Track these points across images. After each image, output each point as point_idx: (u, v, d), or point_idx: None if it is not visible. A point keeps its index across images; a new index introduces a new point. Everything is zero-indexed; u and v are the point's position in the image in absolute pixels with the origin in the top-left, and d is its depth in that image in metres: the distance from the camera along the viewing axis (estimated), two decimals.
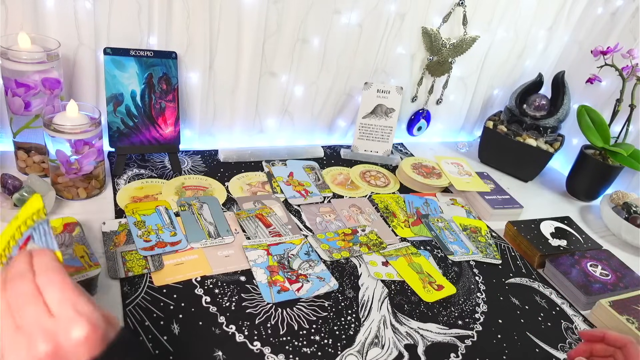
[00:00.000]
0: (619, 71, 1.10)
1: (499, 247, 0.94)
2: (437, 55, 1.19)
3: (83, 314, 0.39)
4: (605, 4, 1.24)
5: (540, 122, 1.19)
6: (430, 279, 0.81)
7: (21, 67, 0.76)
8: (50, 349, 0.37)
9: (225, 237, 0.80)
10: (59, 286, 0.39)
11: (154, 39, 0.90)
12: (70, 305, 0.39)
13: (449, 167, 1.14)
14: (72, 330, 0.38)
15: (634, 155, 1.09)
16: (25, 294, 0.39)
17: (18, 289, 0.39)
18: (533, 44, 1.29)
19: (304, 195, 0.97)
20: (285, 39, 1.01)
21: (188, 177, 0.95)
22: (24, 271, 0.40)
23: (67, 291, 0.39)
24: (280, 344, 0.63)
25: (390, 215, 0.97)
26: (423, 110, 1.29)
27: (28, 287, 0.39)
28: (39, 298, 0.39)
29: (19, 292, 0.39)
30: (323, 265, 0.79)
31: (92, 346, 0.39)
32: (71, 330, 0.38)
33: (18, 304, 0.38)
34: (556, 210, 1.14)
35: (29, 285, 0.39)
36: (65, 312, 0.39)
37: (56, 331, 0.38)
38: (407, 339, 0.69)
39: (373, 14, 1.06)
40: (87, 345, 0.38)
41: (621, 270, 0.91)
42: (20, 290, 0.39)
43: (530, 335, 0.75)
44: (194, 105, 1.01)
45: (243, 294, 0.70)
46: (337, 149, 1.20)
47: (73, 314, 0.38)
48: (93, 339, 0.39)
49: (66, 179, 0.80)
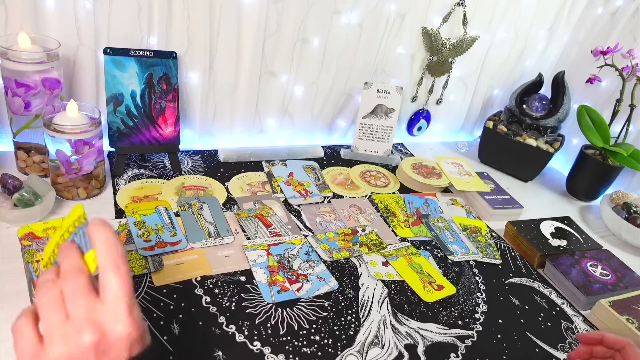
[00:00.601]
0: (619, 71, 1.10)
1: (499, 247, 0.94)
2: (437, 55, 1.19)
3: (131, 315, 0.41)
4: (605, 4, 1.24)
5: (540, 122, 1.19)
6: (430, 279, 0.81)
7: (21, 67, 0.76)
8: (97, 338, 0.39)
9: (225, 237, 0.80)
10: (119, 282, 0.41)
11: (154, 39, 0.90)
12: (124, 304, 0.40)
13: (449, 167, 1.14)
14: (117, 326, 0.40)
15: (634, 155, 1.09)
16: (80, 286, 0.40)
17: (74, 280, 0.40)
18: (533, 44, 1.29)
19: (304, 195, 0.97)
20: (285, 39, 1.01)
21: (188, 177, 0.95)
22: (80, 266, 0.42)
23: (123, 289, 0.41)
24: (280, 344, 0.63)
25: (390, 215, 0.97)
26: (423, 110, 1.29)
27: (84, 280, 0.41)
28: (92, 291, 0.41)
29: (75, 284, 0.40)
30: (323, 265, 0.79)
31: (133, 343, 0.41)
32: (116, 326, 0.40)
33: (71, 294, 0.40)
34: (556, 210, 1.14)
35: (85, 278, 0.41)
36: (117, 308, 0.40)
37: (103, 324, 0.40)
38: (407, 339, 0.69)
39: (373, 14, 1.06)
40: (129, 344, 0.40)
41: (621, 270, 0.91)
42: (77, 282, 0.40)
43: (530, 335, 0.75)
44: (194, 105, 1.01)
45: (243, 294, 0.70)
46: (337, 149, 1.20)
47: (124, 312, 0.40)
48: (133, 341, 0.41)
49: (66, 179, 0.80)
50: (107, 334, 0.39)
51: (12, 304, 0.60)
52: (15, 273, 0.65)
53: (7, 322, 0.58)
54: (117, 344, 0.40)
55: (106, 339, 0.39)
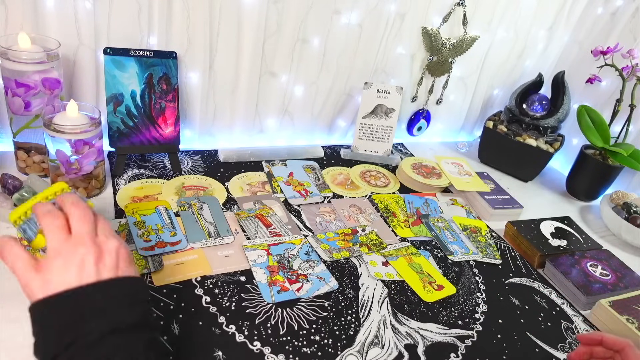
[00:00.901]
0: (619, 71, 1.10)
1: (499, 247, 0.94)
2: (437, 55, 1.19)
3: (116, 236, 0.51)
4: (605, 4, 1.24)
5: (540, 122, 1.19)
6: (430, 279, 0.81)
7: (21, 67, 0.76)
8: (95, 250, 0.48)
9: (225, 237, 0.80)
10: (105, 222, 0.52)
11: (154, 39, 0.90)
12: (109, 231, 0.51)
13: (449, 167, 1.14)
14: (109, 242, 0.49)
15: (634, 155, 1.09)
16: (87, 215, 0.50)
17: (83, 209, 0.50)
18: (533, 44, 1.29)
19: (304, 195, 0.97)
20: (285, 39, 1.01)
21: (188, 177, 0.95)
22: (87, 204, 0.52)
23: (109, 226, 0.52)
24: (280, 344, 0.63)
25: (390, 215, 0.97)
26: (423, 110, 1.29)
27: (89, 212, 0.51)
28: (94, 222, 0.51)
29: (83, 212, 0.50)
30: (323, 265, 0.79)
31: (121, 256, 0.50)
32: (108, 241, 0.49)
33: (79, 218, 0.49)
34: (556, 210, 1.14)
35: (90, 211, 0.51)
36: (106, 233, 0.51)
37: (99, 242, 0.49)
38: (407, 339, 0.69)
39: (373, 14, 1.06)
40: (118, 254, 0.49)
41: (621, 270, 0.91)
42: (85, 212, 0.50)
43: (530, 335, 0.75)
44: (194, 105, 1.01)
45: (243, 294, 0.70)
46: (337, 149, 1.20)
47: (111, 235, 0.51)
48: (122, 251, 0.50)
49: (66, 179, 0.80)
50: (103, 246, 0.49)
51: (12, 304, 0.60)
52: None
53: (7, 322, 0.59)
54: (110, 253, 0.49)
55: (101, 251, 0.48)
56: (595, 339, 0.64)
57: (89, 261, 0.47)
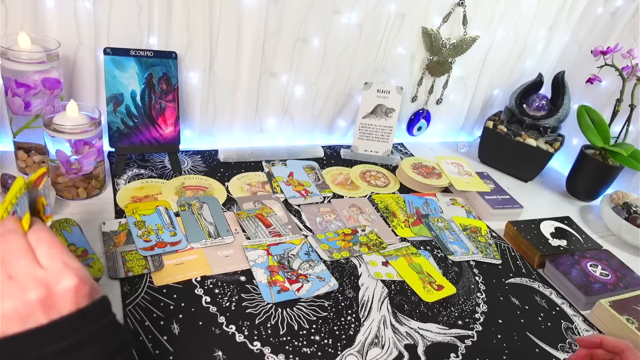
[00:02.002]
0: (619, 71, 1.10)
1: (499, 247, 0.94)
2: (437, 55, 1.19)
3: (72, 268, 0.42)
4: (605, 4, 1.24)
5: (540, 122, 1.19)
6: (430, 279, 0.81)
7: (21, 67, 0.76)
8: (42, 295, 0.40)
9: (225, 237, 0.80)
10: (48, 243, 0.43)
11: (154, 39, 0.90)
12: (59, 259, 0.42)
13: (449, 167, 1.14)
14: (62, 280, 0.41)
15: (634, 155, 1.09)
16: (17, 248, 0.42)
17: (11, 244, 0.42)
18: (533, 44, 1.29)
19: (304, 195, 0.97)
20: (285, 39, 1.01)
21: (188, 177, 0.95)
22: (15, 228, 0.43)
23: (55, 247, 0.43)
24: (280, 344, 0.63)
25: (390, 215, 0.97)
26: (423, 110, 1.29)
27: (20, 242, 0.42)
28: (30, 252, 0.42)
29: (12, 247, 0.42)
30: (323, 265, 0.79)
31: (80, 297, 0.42)
32: (61, 280, 0.41)
33: (10, 257, 0.41)
34: (556, 210, 1.14)
35: (21, 240, 0.42)
36: (55, 265, 0.42)
37: (47, 280, 0.41)
38: (407, 339, 0.69)
39: (373, 14, 1.06)
40: (76, 295, 0.41)
41: (621, 270, 0.91)
42: (13, 245, 0.42)
43: (530, 335, 0.75)
44: (194, 105, 1.01)
45: (243, 294, 0.70)
46: (337, 149, 1.20)
47: (62, 267, 0.42)
48: (82, 290, 0.42)
49: (66, 179, 0.80)
50: (53, 288, 0.40)
51: None
52: None
53: None
54: (65, 297, 0.41)
55: (53, 294, 0.40)
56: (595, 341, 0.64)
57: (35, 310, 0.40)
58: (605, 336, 0.63)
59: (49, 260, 0.42)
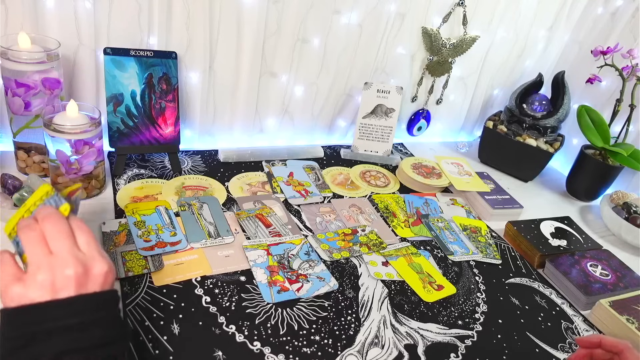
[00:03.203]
0: (619, 71, 1.10)
1: (499, 247, 0.94)
2: (437, 55, 1.19)
3: (105, 257, 0.49)
4: (605, 4, 1.24)
5: (540, 122, 1.19)
6: (430, 279, 0.81)
7: (21, 67, 0.76)
8: (80, 272, 0.46)
9: (225, 237, 0.80)
10: (86, 233, 0.49)
11: (154, 39, 0.90)
12: (95, 248, 0.48)
13: (449, 167, 1.14)
14: (97, 265, 0.47)
15: (634, 155, 1.09)
16: (61, 229, 0.47)
17: (56, 224, 0.47)
18: (533, 44, 1.29)
19: (304, 195, 0.97)
20: (285, 39, 1.01)
21: (188, 177, 0.95)
22: (57, 212, 0.49)
23: (92, 237, 0.49)
24: (280, 344, 0.63)
25: (390, 215, 0.97)
26: (423, 110, 1.29)
27: (64, 225, 0.48)
28: (71, 235, 0.48)
29: (57, 227, 0.47)
30: (323, 265, 0.79)
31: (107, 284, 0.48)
32: (96, 264, 0.47)
33: (54, 234, 0.46)
34: (556, 210, 1.14)
35: (64, 222, 0.48)
36: (91, 251, 0.48)
37: (86, 261, 0.47)
38: (407, 339, 0.69)
39: (373, 14, 1.06)
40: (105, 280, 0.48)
41: (621, 270, 0.91)
42: (58, 226, 0.47)
43: (530, 335, 0.75)
44: (194, 105, 1.01)
45: (243, 294, 0.70)
46: (337, 149, 1.20)
47: (97, 254, 0.48)
48: (109, 278, 0.48)
49: (66, 179, 0.80)
50: (89, 270, 0.46)
51: None
52: None
53: None
54: (96, 279, 0.47)
55: (88, 274, 0.46)
56: (594, 341, 0.64)
57: (70, 284, 0.45)
58: (604, 336, 0.63)
59: (86, 246, 0.48)
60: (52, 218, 0.47)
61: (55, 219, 0.47)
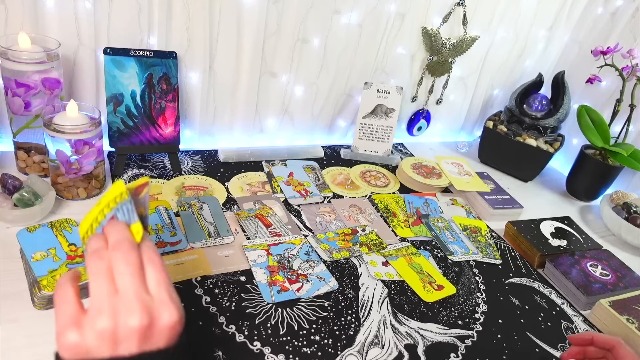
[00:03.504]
0: (619, 71, 1.10)
1: (499, 247, 0.94)
2: (437, 55, 1.19)
3: (175, 302, 0.41)
4: (605, 4, 1.24)
5: (540, 122, 1.19)
6: (430, 279, 0.81)
7: (21, 67, 0.76)
8: (145, 323, 0.38)
9: (225, 237, 0.80)
10: (159, 267, 0.42)
11: (154, 39, 0.90)
12: (166, 289, 0.41)
13: (449, 167, 1.14)
14: (165, 314, 0.40)
15: (634, 155, 1.09)
16: (130, 262, 0.40)
17: (126, 255, 0.40)
18: (533, 44, 1.29)
19: (304, 195, 0.97)
20: (285, 39, 1.01)
21: (188, 177, 0.95)
22: (129, 238, 0.42)
23: (163, 273, 0.42)
24: (280, 344, 0.63)
25: (390, 215, 0.97)
26: (423, 110, 1.29)
27: (135, 257, 0.41)
28: (141, 271, 0.41)
29: (127, 259, 0.40)
30: (323, 265, 0.79)
31: (173, 335, 0.41)
32: (164, 313, 0.40)
33: (121, 269, 0.40)
34: (556, 210, 1.14)
35: (134, 254, 0.41)
36: (161, 294, 0.40)
37: (153, 309, 0.39)
38: (407, 339, 0.69)
39: (373, 14, 1.06)
40: (171, 332, 0.40)
41: (621, 270, 0.91)
42: (128, 257, 0.40)
43: (530, 335, 0.75)
44: (194, 105, 1.01)
45: (243, 294, 0.70)
46: (337, 149, 1.20)
47: (167, 298, 0.40)
48: (177, 329, 0.41)
49: (66, 179, 0.80)
50: (156, 320, 0.39)
51: (12, 304, 0.60)
52: (15, 273, 0.65)
53: (7, 322, 0.59)
54: (162, 332, 0.40)
55: (154, 326, 0.39)
56: (586, 339, 0.64)
57: (132, 337, 0.38)
58: (596, 333, 0.63)
59: (156, 287, 0.41)
60: (123, 247, 0.41)
61: (127, 248, 0.41)
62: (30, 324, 0.59)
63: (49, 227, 0.69)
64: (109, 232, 0.43)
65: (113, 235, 0.42)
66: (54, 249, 0.66)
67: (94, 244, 0.42)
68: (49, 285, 0.60)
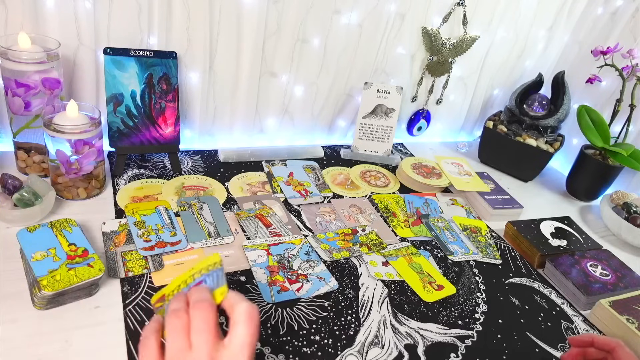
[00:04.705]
0: (619, 71, 1.10)
1: (499, 247, 0.94)
2: (437, 55, 1.19)
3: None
4: (605, 4, 1.24)
5: (540, 122, 1.19)
6: (430, 279, 0.81)
7: (21, 67, 0.76)
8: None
9: (225, 237, 0.80)
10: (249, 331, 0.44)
11: (154, 39, 0.90)
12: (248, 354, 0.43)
13: (449, 167, 1.14)
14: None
15: (634, 155, 1.09)
16: (209, 321, 0.44)
17: (206, 315, 0.44)
18: (533, 44, 1.29)
19: (304, 195, 0.97)
20: (285, 39, 1.01)
21: (188, 177, 0.95)
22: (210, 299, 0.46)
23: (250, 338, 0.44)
24: (280, 344, 0.63)
25: (390, 215, 0.97)
26: (423, 110, 1.29)
27: (213, 318, 0.44)
28: (216, 330, 0.44)
29: (205, 318, 0.44)
30: (323, 265, 0.79)
31: None
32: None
33: (199, 327, 0.43)
34: (556, 210, 1.14)
35: (214, 316, 0.44)
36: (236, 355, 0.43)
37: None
38: (407, 339, 0.69)
39: (373, 14, 1.06)
40: None
41: (621, 270, 0.91)
42: (207, 317, 0.44)
43: (530, 335, 0.75)
44: (194, 105, 1.01)
45: (243, 293, 0.70)
46: (337, 149, 1.20)
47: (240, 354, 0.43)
48: None
49: (66, 179, 0.80)
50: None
51: (12, 304, 0.60)
52: (15, 273, 0.65)
53: (7, 322, 0.59)
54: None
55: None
56: (586, 340, 0.64)
57: None
58: (596, 335, 0.63)
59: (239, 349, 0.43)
60: (203, 307, 0.44)
61: (207, 309, 0.44)
62: (30, 324, 0.59)
63: (49, 227, 0.69)
64: (192, 293, 0.46)
65: (195, 296, 0.45)
66: (54, 249, 0.65)
67: (175, 304, 0.46)
68: (49, 285, 0.59)
